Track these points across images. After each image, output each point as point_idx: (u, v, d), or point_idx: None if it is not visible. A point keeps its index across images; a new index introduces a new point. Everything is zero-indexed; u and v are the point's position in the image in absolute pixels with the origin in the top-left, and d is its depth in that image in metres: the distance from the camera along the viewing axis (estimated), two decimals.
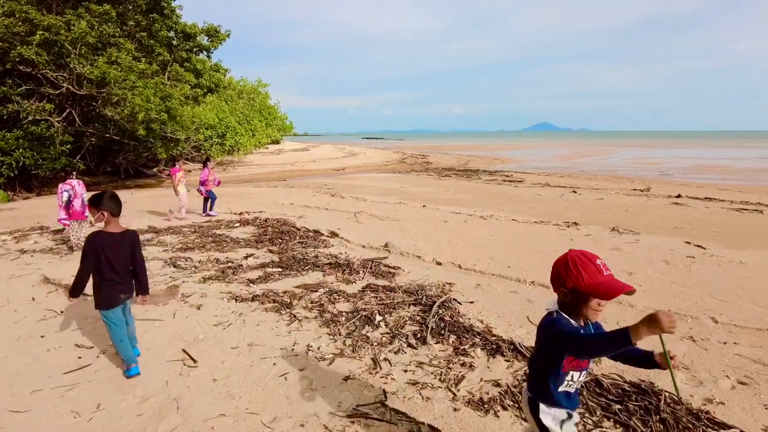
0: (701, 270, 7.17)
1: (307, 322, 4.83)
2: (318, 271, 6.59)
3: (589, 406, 3.35)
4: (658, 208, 13.65)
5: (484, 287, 6.08)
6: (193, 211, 11.48)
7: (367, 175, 26.27)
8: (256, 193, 16.73)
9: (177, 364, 3.93)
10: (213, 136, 26.63)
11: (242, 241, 8.41)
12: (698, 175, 27.68)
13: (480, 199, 15.48)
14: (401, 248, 8.00)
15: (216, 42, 21.50)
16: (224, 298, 5.55)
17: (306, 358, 4.05)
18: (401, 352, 4.18)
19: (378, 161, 36.87)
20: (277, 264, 6.90)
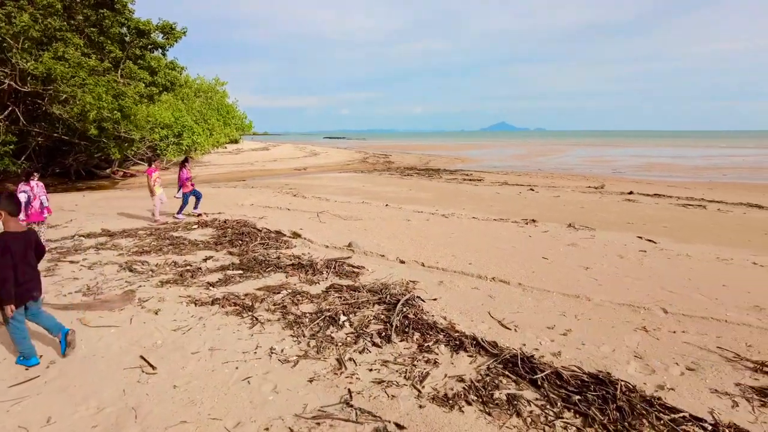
0: (652, 263, 7.48)
1: (270, 325, 4.75)
2: (280, 272, 6.50)
3: (551, 398, 3.44)
4: (612, 205, 14.17)
5: (446, 284, 6.16)
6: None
7: (330, 174, 26.12)
8: (215, 194, 16.34)
9: (135, 371, 3.79)
10: (169, 136, 25.79)
11: (201, 244, 8.20)
12: (648, 172, 28.89)
13: (441, 198, 15.66)
14: (365, 248, 7.99)
15: (171, 39, 20.84)
16: (183, 302, 5.39)
17: (269, 361, 3.99)
18: (366, 352, 4.18)
19: (340, 161, 36.72)
20: (238, 266, 6.77)
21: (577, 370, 3.85)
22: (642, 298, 5.77)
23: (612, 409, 3.29)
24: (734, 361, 4.16)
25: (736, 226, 10.90)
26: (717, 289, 6.21)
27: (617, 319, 5.12)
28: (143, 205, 13.44)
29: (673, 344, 4.49)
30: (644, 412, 3.26)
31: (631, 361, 4.11)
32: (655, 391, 3.60)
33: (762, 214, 12.91)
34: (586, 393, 3.48)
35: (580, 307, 5.46)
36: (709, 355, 4.25)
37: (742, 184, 21.77)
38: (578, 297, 5.81)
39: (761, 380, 3.82)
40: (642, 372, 3.92)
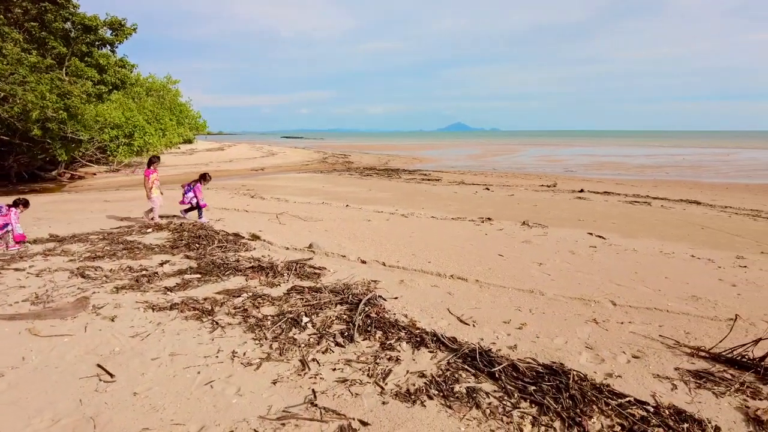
0: (602, 258, 7.86)
1: (231, 329, 4.72)
2: (240, 275, 6.44)
3: (508, 390, 3.59)
4: (564, 203, 14.73)
5: (407, 283, 6.27)
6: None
7: (288, 175, 25.86)
8: (168, 196, 15.88)
9: (92, 380, 3.69)
10: (119, 136, 24.85)
11: (156, 248, 8.00)
12: (598, 171, 30.09)
13: (401, 198, 15.83)
14: (326, 248, 8.01)
15: (121, 36, 20.09)
16: (140, 307, 5.27)
17: (232, 365, 3.97)
18: (329, 352, 4.22)
19: (298, 161, 36.38)
20: (196, 270, 6.65)
21: (533, 362, 4.03)
22: (592, 292, 6.06)
23: (565, 397, 3.47)
24: (674, 347, 4.45)
25: (677, 222, 11.56)
26: (660, 281, 6.60)
27: (569, 312, 5.37)
28: (96, 209, 12.94)
29: (621, 334, 4.76)
30: (594, 399, 3.46)
31: (582, 351, 4.33)
32: (604, 378, 3.82)
33: (699, 209, 13.73)
34: (541, 383, 3.66)
35: (535, 302, 5.69)
36: (653, 343, 4.53)
37: (683, 182, 23.04)
38: (532, 292, 6.04)
39: (697, 364, 4.12)
40: (593, 361, 4.14)
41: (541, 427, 3.17)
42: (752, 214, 12.85)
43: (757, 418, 3.26)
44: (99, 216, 11.51)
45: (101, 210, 12.70)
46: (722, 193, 18.30)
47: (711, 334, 4.77)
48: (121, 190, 19.13)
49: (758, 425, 3.20)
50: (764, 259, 8.00)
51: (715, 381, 3.79)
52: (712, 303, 5.72)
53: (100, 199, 15.72)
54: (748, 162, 37.75)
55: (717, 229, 10.68)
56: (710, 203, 15.00)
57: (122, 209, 12.89)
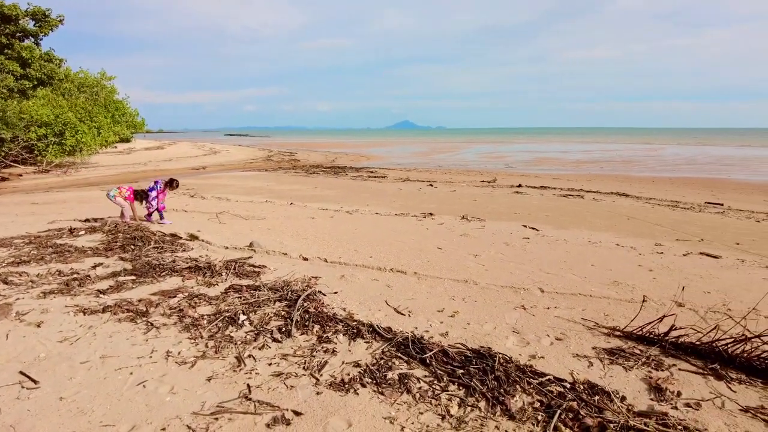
0: (534, 249, 8.27)
1: (166, 329, 4.65)
2: (176, 276, 6.32)
3: (438, 374, 3.77)
4: (502, 197, 15.29)
5: (347, 278, 6.37)
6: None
7: (231, 173, 25.31)
8: (104, 197, 15.18)
9: (12, 388, 3.55)
10: (48, 135, 23.47)
11: (89, 250, 7.68)
12: (537, 166, 31.34)
13: (347, 195, 15.90)
14: (267, 247, 7.98)
15: (46, 27, 18.92)
16: (70, 312, 5.08)
17: (166, 364, 3.93)
18: (266, 347, 4.25)
19: (242, 159, 35.64)
20: (130, 272, 6.46)
21: (462, 347, 4.23)
22: (523, 280, 6.40)
23: (491, 379, 3.69)
24: (593, 329, 4.80)
25: (605, 213, 12.29)
26: (586, 269, 7.04)
27: (500, 299, 5.65)
28: (22, 211, 12.20)
29: (546, 319, 5.07)
30: (518, 379, 3.69)
31: (509, 336, 4.59)
32: (528, 360, 4.07)
33: (627, 201, 14.65)
34: (469, 367, 3.86)
35: (468, 291, 5.94)
36: (575, 326, 4.86)
37: (615, 176, 24.43)
38: (467, 282, 6.30)
39: (612, 342, 4.47)
40: (518, 345, 4.40)
41: (467, 408, 3.36)
42: (672, 205, 13.85)
43: (657, 387, 3.61)
44: (26, 219, 10.87)
45: (28, 212, 12.00)
46: (648, 186, 19.57)
47: (628, 315, 5.16)
48: (51, 192, 18.11)
49: (658, 392, 3.54)
50: (678, 245, 8.69)
51: (625, 357, 4.13)
52: (630, 287, 6.18)
53: (27, 201, 14.82)
54: (672, 157, 40.47)
55: (641, 219, 11.44)
56: (637, 195, 16.03)
57: (52, 211, 12.24)
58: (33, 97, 21.34)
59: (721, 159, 37.20)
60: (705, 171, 27.86)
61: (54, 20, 19.22)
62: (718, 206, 13.79)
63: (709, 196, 16.26)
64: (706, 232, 9.85)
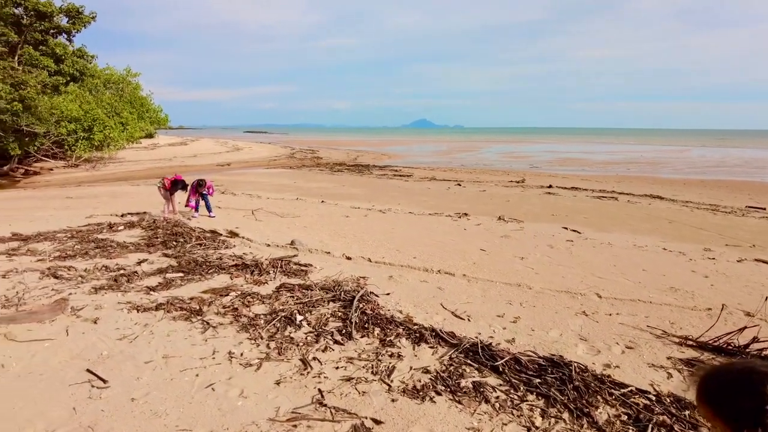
0: (580, 252, 8.05)
1: (223, 329, 4.58)
2: (224, 273, 6.26)
3: (513, 383, 3.62)
4: (534, 198, 15.03)
5: (396, 278, 6.24)
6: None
7: (256, 170, 25.39)
8: (136, 193, 15.34)
9: (83, 386, 3.50)
10: (78, 130, 23.77)
11: (131, 246, 7.69)
12: (562, 167, 30.86)
13: (375, 194, 15.78)
14: (308, 245, 7.89)
15: (79, 24, 19.15)
16: (123, 309, 5.04)
17: (230, 366, 3.84)
18: (329, 350, 4.15)
19: (266, 156, 35.77)
20: (177, 268, 6.42)
21: (533, 355, 4.08)
22: (576, 285, 6.20)
23: (570, 389, 3.53)
24: (663, 337, 4.60)
25: (644, 216, 11.97)
26: (639, 274, 6.81)
27: (558, 305, 5.47)
28: (59, 206, 12.34)
29: (611, 326, 4.88)
30: (598, 390, 3.53)
31: (578, 343, 4.41)
32: (603, 369, 3.90)
33: (663, 204, 14.28)
34: (545, 376, 3.70)
35: (523, 296, 5.77)
36: (642, 334, 4.67)
37: (644, 178, 23.90)
38: (520, 286, 6.13)
39: (686, 353, 4.27)
40: (589, 353, 4.23)
41: (550, 419, 3.21)
42: (711, 209, 13.44)
43: None
44: (63, 213, 10.98)
45: (64, 207, 12.13)
46: (681, 189, 19.08)
47: (694, 324, 4.95)
48: (83, 186, 18.34)
49: None
50: (729, 251, 8.38)
51: None
52: (690, 294, 5.94)
53: (61, 195, 15.01)
54: (699, 159, 39.55)
55: (683, 222, 11.11)
56: (672, 198, 15.62)
57: (86, 205, 12.35)
58: (64, 92, 21.63)
59: (750, 161, 36.24)
60: (736, 173, 27.15)
61: (87, 17, 19.44)
62: (760, 210, 13.36)
63: (747, 200, 15.77)
64: (755, 238, 9.51)
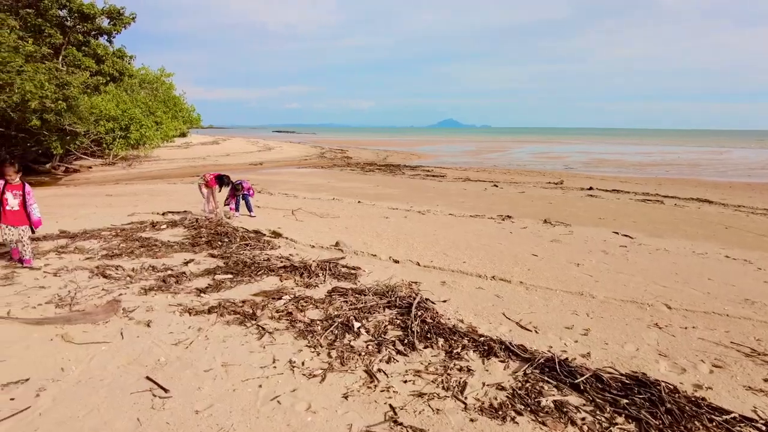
0: (637, 259, 7.65)
1: (280, 335, 4.41)
2: (273, 275, 6.11)
3: (598, 403, 3.34)
4: (577, 201, 14.55)
5: (449, 284, 5.99)
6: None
7: (289, 170, 25.45)
8: (173, 191, 15.46)
9: (144, 395, 3.36)
10: (115, 129, 24.24)
11: (175, 245, 7.63)
12: (597, 168, 30.05)
13: (411, 194, 15.54)
14: (353, 247, 7.71)
15: (119, 25, 19.47)
16: (175, 311, 4.93)
17: (293, 376, 3.66)
18: (393, 361, 3.93)
19: (297, 156, 35.91)
20: (225, 270, 6.31)
21: (614, 372, 3.78)
22: (641, 294, 5.84)
23: (662, 412, 3.23)
24: (752, 356, 4.23)
25: (696, 221, 11.42)
26: (704, 283, 6.40)
27: (627, 316, 5.13)
28: (100, 203, 12.49)
29: (690, 341, 4.53)
30: (695, 414, 3.21)
31: (658, 359, 4.09)
32: (694, 390, 3.58)
33: (714, 208, 13.63)
34: (632, 396, 3.41)
35: (588, 305, 5.45)
36: (728, 351, 4.31)
37: (686, 180, 23.03)
38: (582, 294, 5.80)
39: None
40: (673, 371, 3.91)
41: None
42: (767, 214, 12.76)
43: None
44: (106, 211, 11.07)
45: (106, 204, 12.25)
46: (728, 192, 18.27)
47: None
48: (121, 184, 18.62)
49: None
50: None
51: None
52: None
53: (102, 193, 15.22)
54: (742, 160, 38.05)
55: (740, 228, 10.54)
56: (722, 202, 14.92)
57: (127, 203, 12.45)
58: (104, 92, 22.05)
59: None
60: None
61: (127, 18, 19.75)
62: None
63: None
64: None
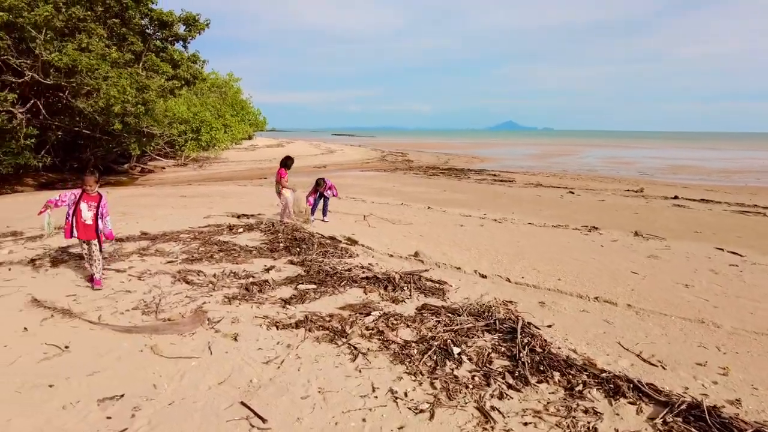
0: (755, 280, 6.76)
1: (374, 357, 4.07)
2: (356, 287, 5.81)
3: None
4: (664, 210, 13.44)
5: (549, 306, 5.46)
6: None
7: (352, 173, 25.42)
8: (244, 193, 15.69)
9: (241, 424, 3.10)
10: (187, 131, 25.16)
11: (254, 250, 7.53)
12: (675, 175, 28.08)
13: (481, 201, 14.95)
14: (433, 257, 7.30)
15: (194, 31, 20.12)
16: (261, 324, 4.71)
17: (398, 410, 3.30)
18: (506, 397, 3.49)
19: (358, 159, 36.00)
20: (307, 279, 6.08)
21: None
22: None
23: None
24: None
25: None
26: None
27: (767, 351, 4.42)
28: (176, 204, 12.80)
29: None
30: None
31: None
32: None
33: None
34: None
35: (714, 337, 4.76)
36: None
37: None
38: (703, 323, 5.10)
39: None
40: None
41: None
42: None
43: None
44: (181, 212, 11.28)
45: (181, 206, 12.52)
46: None
47: None
48: (193, 185, 19.19)
49: None
50: None
51: None
52: None
53: (176, 194, 15.68)
54: None
55: None
56: None
57: (201, 204, 12.68)
58: (179, 96, 22.90)
59: None
60: None
61: (201, 24, 20.36)
62: None
63: None
64: None
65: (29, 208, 12.08)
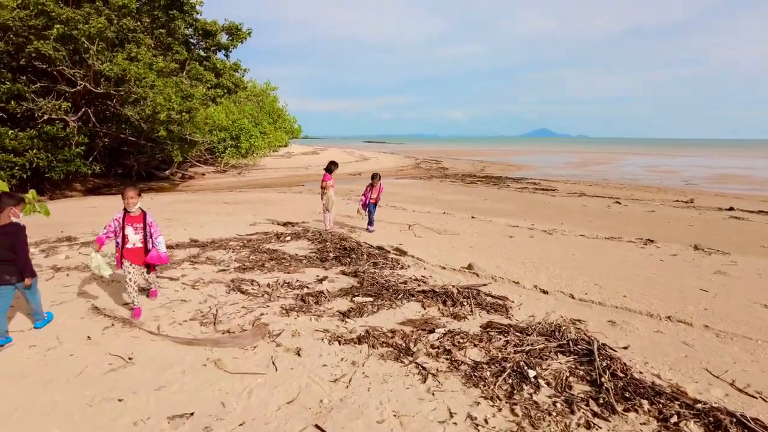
0: None
1: (444, 378, 3.88)
2: (414, 301, 5.64)
3: None
4: (721, 223, 12.81)
5: (620, 325, 5.15)
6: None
7: (388, 180, 25.32)
8: (285, 200, 15.77)
9: None
10: (227, 138, 25.60)
11: (304, 259, 7.45)
12: (724, 185, 26.97)
13: (525, 210, 14.59)
14: (487, 271, 7.07)
15: (236, 40, 20.51)
16: (323, 339, 4.58)
17: None
18: (595, 427, 3.24)
19: (392, 166, 35.94)
20: (362, 291, 5.94)
21: None
22: None
23: None
24: None
25: None
26: None
27: None
28: (220, 210, 12.93)
29: None
30: None
31: None
32: None
33: None
34: None
35: None
36: None
37: None
38: None
39: None
40: None
41: None
42: None
43: None
44: (227, 219, 11.36)
45: (226, 212, 12.63)
46: None
47: None
48: (234, 192, 19.43)
49: None
50: None
51: None
52: None
53: (218, 200, 15.88)
54: None
55: None
56: None
57: (245, 211, 12.78)
58: (221, 104, 23.34)
59: None
60: None
61: (243, 33, 20.74)
62: None
63: None
64: None
65: (80, 212, 12.43)
